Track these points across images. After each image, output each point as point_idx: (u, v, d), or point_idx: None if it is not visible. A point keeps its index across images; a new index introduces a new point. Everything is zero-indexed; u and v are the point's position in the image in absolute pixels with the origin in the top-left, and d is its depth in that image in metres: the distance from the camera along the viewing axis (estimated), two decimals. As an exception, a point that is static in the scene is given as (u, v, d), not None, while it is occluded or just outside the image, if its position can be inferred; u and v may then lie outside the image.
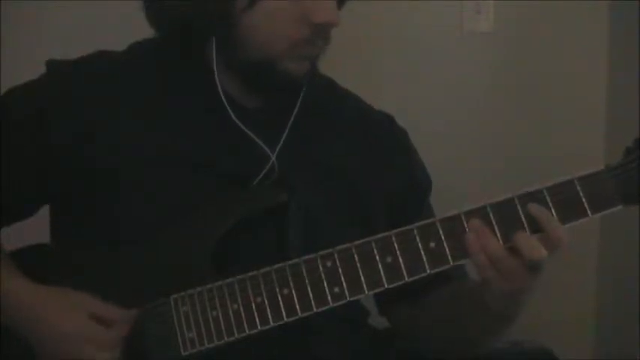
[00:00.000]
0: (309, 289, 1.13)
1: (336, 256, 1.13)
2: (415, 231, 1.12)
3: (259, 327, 1.14)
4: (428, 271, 1.12)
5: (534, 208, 1.09)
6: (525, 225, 1.10)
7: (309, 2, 1.18)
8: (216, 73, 1.23)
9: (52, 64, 1.29)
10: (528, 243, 1.08)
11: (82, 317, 1.15)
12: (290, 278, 1.14)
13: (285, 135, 1.26)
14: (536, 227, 1.10)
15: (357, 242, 1.13)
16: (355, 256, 1.13)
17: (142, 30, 1.28)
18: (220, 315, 1.15)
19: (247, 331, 1.14)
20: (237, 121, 1.23)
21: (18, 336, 1.17)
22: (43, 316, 1.16)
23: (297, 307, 1.13)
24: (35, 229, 1.32)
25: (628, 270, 1.98)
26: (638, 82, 1.91)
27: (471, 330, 1.24)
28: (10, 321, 1.18)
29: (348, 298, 1.13)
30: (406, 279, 1.12)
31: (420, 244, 1.12)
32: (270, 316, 1.14)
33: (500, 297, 1.12)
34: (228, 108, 1.23)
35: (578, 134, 2.08)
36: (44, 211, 1.32)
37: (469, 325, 1.23)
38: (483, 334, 1.25)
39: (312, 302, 1.13)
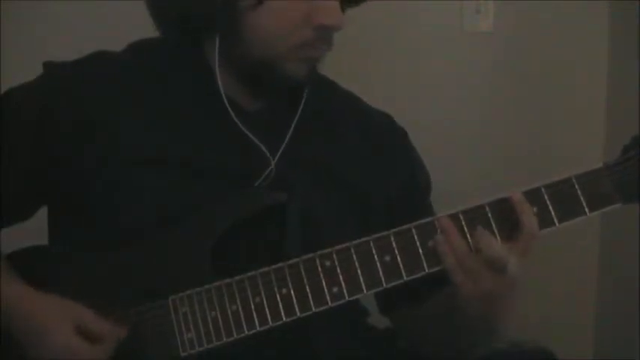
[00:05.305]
0: (307, 289, 1.13)
1: (334, 255, 1.13)
2: (413, 230, 1.12)
3: (258, 327, 1.14)
4: (426, 270, 1.12)
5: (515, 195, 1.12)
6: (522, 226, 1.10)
7: (313, 4, 1.18)
8: (217, 72, 1.23)
9: (49, 66, 1.29)
10: (484, 237, 1.10)
11: (69, 330, 1.13)
12: (289, 278, 1.14)
13: (286, 139, 1.26)
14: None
15: (355, 242, 1.13)
16: (354, 255, 1.13)
17: (142, 30, 1.28)
18: (219, 315, 1.15)
19: (246, 332, 1.14)
20: (237, 121, 1.23)
21: (14, 340, 1.16)
22: (33, 324, 1.14)
23: (296, 307, 1.13)
24: (35, 229, 1.31)
25: (628, 270, 1.98)
26: (638, 82, 1.91)
27: (458, 331, 1.24)
28: (7, 325, 1.17)
29: (347, 298, 1.13)
30: (404, 278, 1.12)
31: (418, 243, 1.12)
32: (269, 317, 1.14)
33: (472, 300, 1.13)
34: (229, 108, 1.23)
35: (578, 134, 2.08)
36: (43, 212, 1.32)
37: (455, 326, 1.23)
38: (469, 336, 1.25)
39: (311, 302, 1.13)
